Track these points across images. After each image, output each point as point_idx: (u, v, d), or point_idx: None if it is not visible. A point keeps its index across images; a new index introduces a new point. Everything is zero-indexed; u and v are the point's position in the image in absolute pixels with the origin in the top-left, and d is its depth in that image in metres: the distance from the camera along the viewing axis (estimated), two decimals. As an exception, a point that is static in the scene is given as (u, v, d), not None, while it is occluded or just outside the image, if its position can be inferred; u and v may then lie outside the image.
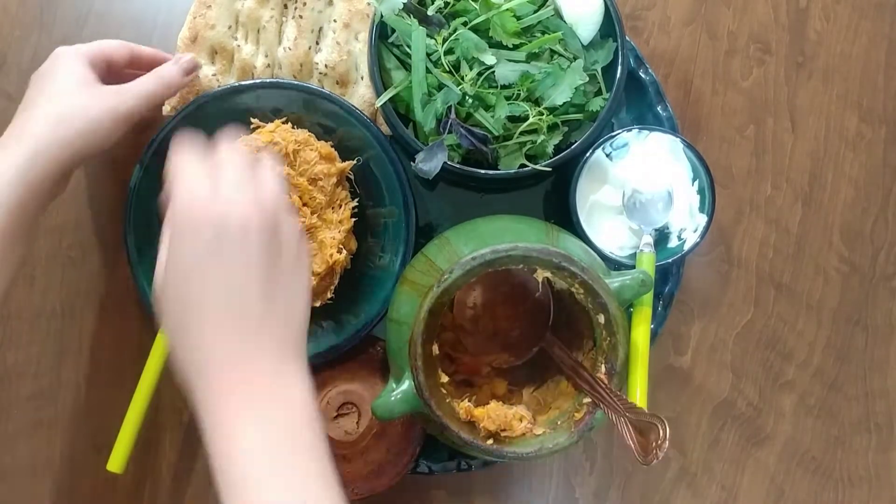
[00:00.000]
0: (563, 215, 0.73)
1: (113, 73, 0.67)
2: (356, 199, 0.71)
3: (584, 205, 0.71)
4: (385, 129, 0.71)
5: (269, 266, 0.48)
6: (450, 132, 0.67)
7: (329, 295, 0.71)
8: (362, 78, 0.72)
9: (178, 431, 0.75)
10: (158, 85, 0.66)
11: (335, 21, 0.71)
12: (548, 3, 0.68)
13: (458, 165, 0.67)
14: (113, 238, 0.75)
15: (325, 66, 0.71)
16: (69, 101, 0.61)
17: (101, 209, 0.75)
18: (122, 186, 0.74)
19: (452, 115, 0.66)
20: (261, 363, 0.48)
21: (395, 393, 0.60)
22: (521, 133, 0.67)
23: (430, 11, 0.67)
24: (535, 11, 0.67)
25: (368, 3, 0.71)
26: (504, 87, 0.67)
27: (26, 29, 0.75)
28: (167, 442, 0.75)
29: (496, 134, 0.67)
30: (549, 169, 0.67)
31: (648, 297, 0.68)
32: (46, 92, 0.62)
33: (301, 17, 0.71)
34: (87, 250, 0.75)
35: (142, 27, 0.76)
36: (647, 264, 0.68)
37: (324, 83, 0.72)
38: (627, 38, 0.70)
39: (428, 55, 0.66)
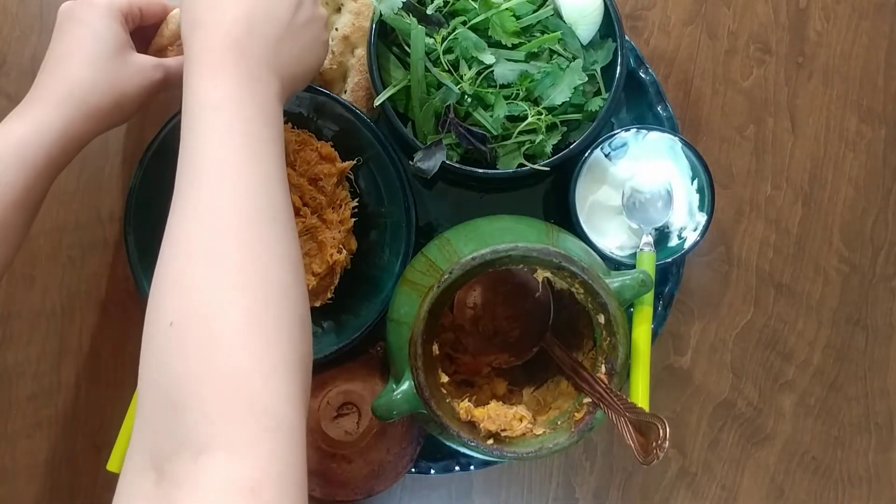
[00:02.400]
0: (563, 215, 0.73)
1: (140, 25, 0.65)
2: (356, 199, 0.71)
3: (583, 205, 0.71)
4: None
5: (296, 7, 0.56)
6: (448, 131, 0.67)
7: (329, 295, 0.71)
8: (345, 92, 0.72)
9: (177, 431, 0.75)
10: (179, 70, 0.62)
11: (336, 30, 0.71)
12: (547, 3, 0.68)
13: (456, 164, 0.67)
14: (113, 238, 0.75)
15: None
16: (103, 72, 0.59)
17: (101, 209, 0.75)
18: (122, 187, 0.74)
19: (451, 115, 0.66)
20: (259, 69, 0.52)
21: (395, 393, 0.60)
22: (520, 133, 0.67)
23: (430, 10, 0.67)
24: (535, 11, 0.67)
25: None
26: (503, 86, 0.67)
27: (26, 29, 0.75)
28: (167, 442, 0.75)
29: (495, 133, 0.67)
30: (548, 168, 0.67)
31: (649, 297, 0.68)
32: (78, 54, 0.59)
33: None
34: (87, 250, 0.75)
35: (142, 27, 0.76)
36: (648, 264, 0.68)
37: None
38: (627, 38, 0.70)
39: (427, 54, 0.66)
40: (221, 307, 0.43)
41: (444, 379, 0.61)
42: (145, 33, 0.65)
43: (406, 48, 0.67)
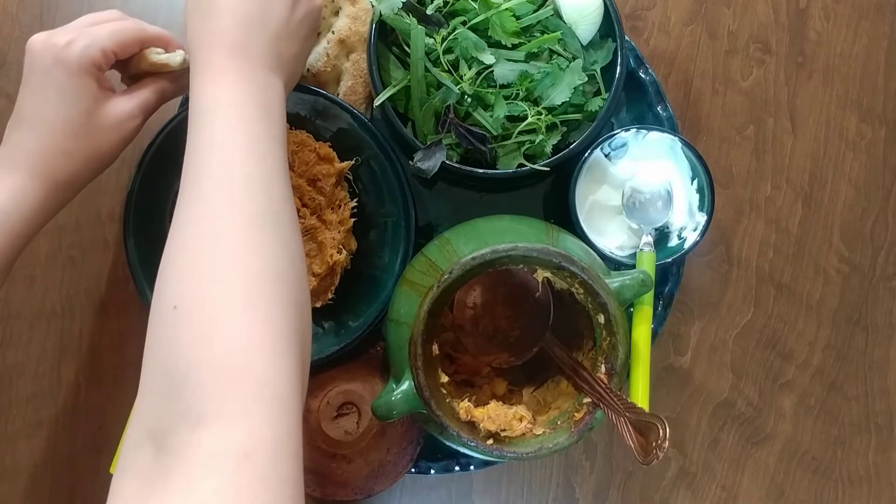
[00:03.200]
0: (562, 215, 0.73)
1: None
2: (355, 200, 0.71)
3: (583, 205, 0.71)
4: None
5: (293, 4, 0.57)
6: (448, 131, 0.67)
7: (329, 295, 0.71)
8: (338, 95, 0.72)
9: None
10: (160, 100, 0.63)
11: (333, 33, 0.71)
12: (547, 3, 0.68)
13: (456, 164, 0.67)
14: (113, 238, 0.75)
15: (308, 69, 0.71)
16: (80, 138, 0.58)
17: (101, 209, 0.75)
18: (121, 187, 0.74)
19: (451, 115, 0.66)
20: (260, 71, 0.54)
21: (395, 393, 0.60)
22: (520, 133, 0.67)
23: (430, 10, 0.67)
24: (535, 11, 0.67)
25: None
26: (503, 86, 0.67)
27: (26, 29, 0.75)
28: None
29: (495, 133, 0.67)
30: (548, 168, 0.67)
31: (649, 297, 0.68)
32: (50, 120, 0.58)
33: None
34: (87, 250, 0.75)
35: (142, 27, 0.76)
36: (647, 264, 0.68)
37: None
38: (627, 38, 0.70)
39: (427, 54, 0.66)
40: (220, 290, 0.45)
41: (444, 379, 0.61)
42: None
43: (406, 48, 0.67)
